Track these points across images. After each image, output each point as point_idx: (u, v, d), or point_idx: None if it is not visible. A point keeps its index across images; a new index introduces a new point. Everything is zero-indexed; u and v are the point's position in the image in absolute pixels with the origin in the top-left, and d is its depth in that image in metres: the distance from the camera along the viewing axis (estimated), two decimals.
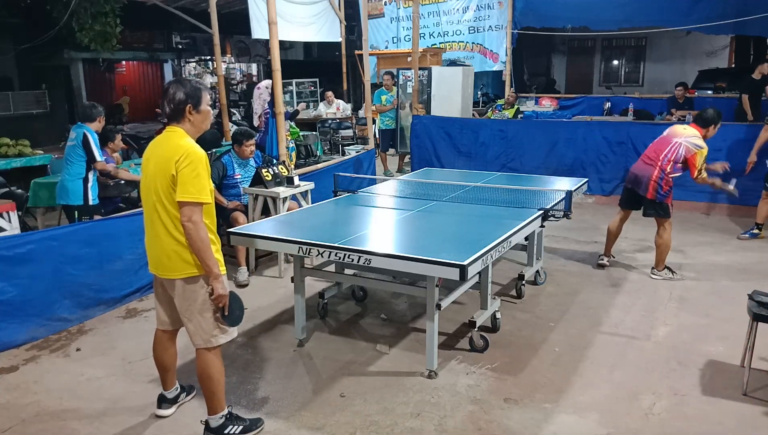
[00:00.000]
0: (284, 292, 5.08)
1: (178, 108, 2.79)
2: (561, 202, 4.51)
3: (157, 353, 3.23)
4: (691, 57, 17.81)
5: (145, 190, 2.91)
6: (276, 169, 5.60)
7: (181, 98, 2.78)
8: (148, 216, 2.91)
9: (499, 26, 12.79)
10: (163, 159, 2.75)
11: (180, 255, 2.82)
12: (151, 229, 2.91)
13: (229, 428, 3.04)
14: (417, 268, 3.30)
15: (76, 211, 5.45)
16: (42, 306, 4.27)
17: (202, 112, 2.85)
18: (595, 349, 4.03)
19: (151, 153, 2.89)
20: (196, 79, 2.95)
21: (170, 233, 2.80)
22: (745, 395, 3.44)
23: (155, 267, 2.96)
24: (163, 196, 2.76)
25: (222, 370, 3.02)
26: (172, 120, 2.83)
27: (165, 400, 3.33)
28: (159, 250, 2.87)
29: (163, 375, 3.30)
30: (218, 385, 3.00)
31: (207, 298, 2.87)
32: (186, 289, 2.87)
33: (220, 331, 2.96)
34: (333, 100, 11.93)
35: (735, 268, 5.56)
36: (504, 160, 8.79)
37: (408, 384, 3.59)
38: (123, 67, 21.01)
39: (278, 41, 5.94)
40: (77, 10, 10.75)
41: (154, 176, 2.80)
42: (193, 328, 2.94)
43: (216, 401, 3.02)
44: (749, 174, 7.48)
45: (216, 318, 2.92)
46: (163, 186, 2.75)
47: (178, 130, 2.82)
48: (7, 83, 15.26)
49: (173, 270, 2.85)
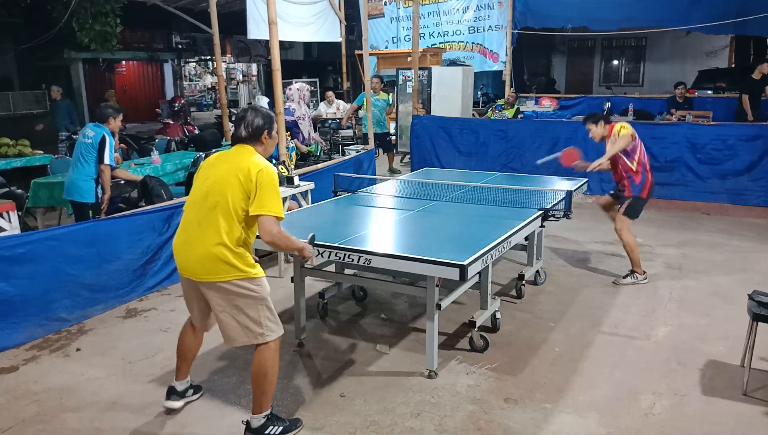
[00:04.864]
0: (284, 292, 5.08)
1: (256, 132, 3.01)
2: (561, 202, 4.51)
3: (185, 338, 3.29)
4: (691, 57, 17.81)
5: (201, 194, 2.97)
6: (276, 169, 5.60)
7: (259, 124, 3.01)
8: (197, 218, 2.95)
9: (499, 26, 12.80)
10: (242, 171, 2.88)
11: (226, 259, 2.87)
12: (197, 230, 2.93)
13: (270, 429, 3.04)
14: (417, 268, 3.30)
15: (90, 210, 5.47)
16: (42, 306, 4.27)
17: (273, 137, 3.11)
18: (595, 349, 4.03)
19: (220, 161, 3.02)
20: (268, 109, 3.19)
21: (221, 238, 2.87)
22: (745, 395, 3.44)
23: (193, 271, 2.96)
24: (232, 203, 2.87)
25: (277, 369, 3.05)
26: (247, 141, 3.02)
27: (174, 392, 3.35)
28: (201, 254, 2.89)
29: (180, 363, 3.34)
30: (271, 384, 3.02)
31: (253, 296, 2.94)
32: (231, 291, 2.92)
33: (268, 327, 3.00)
34: (333, 100, 11.92)
35: (735, 268, 5.56)
36: (504, 160, 8.80)
37: (408, 384, 3.59)
38: (123, 67, 20.98)
39: (278, 41, 5.94)
40: (77, 10, 10.75)
41: (223, 183, 2.90)
42: (239, 328, 2.98)
43: (264, 400, 3.03)
44: (749, 174, 7.50)
45: (268, 311, 3.01)
46: (234, 195, 2.87)
47: (250, 148, 3.02)
48: (7, 83, 15.25)
49: (217, 273, 2.89)
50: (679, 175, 7.76)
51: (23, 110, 14.85)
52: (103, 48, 11.71)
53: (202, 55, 21.62)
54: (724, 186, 7.53)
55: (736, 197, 7.48)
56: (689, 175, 7.71)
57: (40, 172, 7.73)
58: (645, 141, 7.79)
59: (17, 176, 7.57)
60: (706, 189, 7.65)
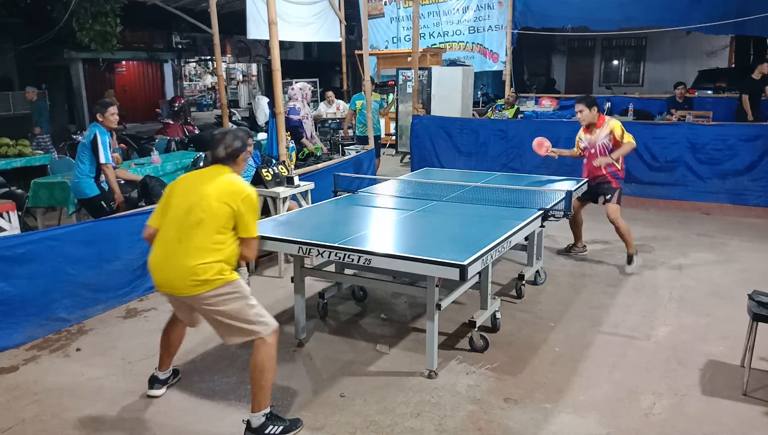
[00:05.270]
0: (284, 292, 5.08)
1: (234, 153, 3.20)
2: (561, 202, 4.51)
3: (169, 336, 3.44)
4: (691, 57, 17.82)
5: (182, 211, 3.06)
6: (276, 169, 5.60)
7: (238, 146, 3.20)
8: (177, 236, 3.04)
9: (499, 26, 12.80)
10: (228, 193, 3.05)
11: (207, 274, 2.97)
12: (177, 247, 3.02)
13: (270, 428, 3.05)
14: (417, 268, 3.30)
15: (101, 201, 5.48)
16: (42, 306, 4.27)
17: (245, 160, 3.30)
18: (595, 349, 4.03)
19: (200, 181, 3.14)
20: (243, 129, 3.38)
21: (202, 253, 2.98)
22: (745, 395, 3.44)
23: (173, 287, 3.05)
24: (212, 220, 3.01)
25: (274, 364, 3.09)
26: (224, 162, 3.19)
27: (157, 380, 3.51)
28: (183, 270, 2.98)
29: (164, 355, 3.49)
30: (268, 380, 3.06)
31: (235, 297, 3.04)
32: (214, 299, 3.02)
33: (259, 323, 3.07)
34: (333, 100, 11.91)
35: (735, 268, 5.56)
36: (504, 160, 8.79)
37: (408, 384, 3.59)
38: (123, 67, 21.00)
39: (278, 41, 5.94)
40: (77, 10, 10.75)
41: (210, 200, 3.02)
42: (231, 329, 3.06)
43: (263, 396, 3.06)
44: (749, 174, 7.50)
45: (254, 313, 3.09)
46: (217, 212, 3.02)
47: (227, 169, 3.18)
48: (7, 83, 15.27)
49: (198, 287, 2.98)
50: (679, 175, 7.76)
51: (23, 110, 14.83)
52: (103, 48, 11.71)
53: (202, 55, 21.65)
54: (724, 186, 7.53)
55: (736, 197, 7.47)
56: (689, 175, 7.71)
57: (40, 172, 7.73)
58: (645, 141, 7.86)
59: (17, 176, 7.56)
60: (706, 189, 7.64)
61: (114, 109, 5.52)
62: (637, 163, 7.87)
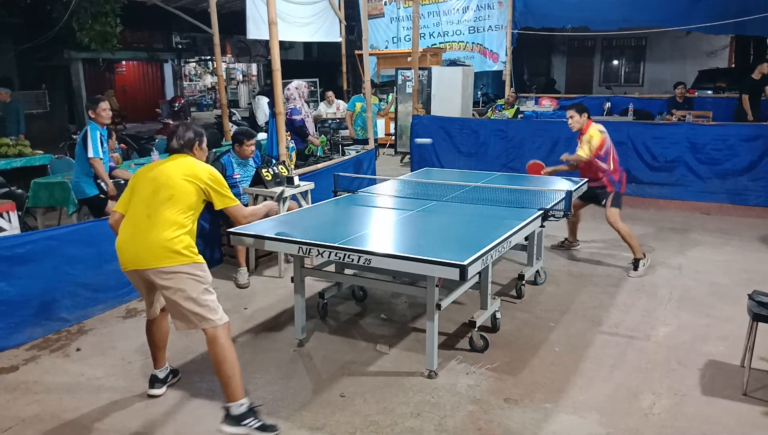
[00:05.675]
0: (284, 292, 5.08)
1: (188, 143, 3.37)
2: (561, 202, 4.51)
3: (152, 333, 3.50)
4: (691, 57, 17.81)
5: (149, 191, 3.19)
6: (276, 169, 5.60)
7: (190, 136, 3.38)
8: (146, 212, 3.15)
9: (499, 26, 12.80)
10: (189, 172, 3.22)
11: (175, 246, 3.09)
12: (146, 223, 3.13)
13: (249, 420, 3.07)
14: (417, 268, 3.30)
15: (103, 195, 5.50)
16: (42, 306, 4.27)
17: (203, 149, 3.47)
18: (595, 349, 4.03)
19: (164, 166, 3.29)
20: (199, 126, 3.58)
21: (173, 226, 3.12)
22: (745, 395, 3.44)
23: (141, 260, 3.12)
24: (181, 197, 3.17)
25: (234, 351, 3.14)
26: (180, 151, 3.36)
27: (157, 380, 3.53)
28: (152, 242, 3.09)
29: (155, 353, 3.53)
30: (233, 368, 3.10)
31: (198, 280, 3.14)
32: (178, 275, 3.10)
33: (214, 311, 3.15)
34: (333, 100, 11.92)
35: (735, 268, 5.55)
36: (504, 160, 8.79)
37: (408, 384, 3.59)
38: (123, 67, 21.00)
39: (278, 41, 5.94)
40: (77, 10, 10.75)
41: (175, 178, 3.19)
42: (186, 311, 3.12)
43: (234, 385, 3.09)
44: (749, 174, 7.50)
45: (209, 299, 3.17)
46: (185, 189, 3.18)
47: (186, 155, 3.35)
48: (7, 83, 15.21)
49: (166, 259, 3.08)
50: (679, 175, 7.76)
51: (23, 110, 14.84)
52: (103, 48, 11.71)
53: (202, 55, 21.63)
54: (724, 186, 7.53)
55: (736, 197, 7.48)
56: (689, 175, 7.71)
57: (40, 172, 7.72)
58: (645, 141, 7.87)
59: (17, 176, 7.56)
60: (706, 189, 7.65)
61: (105, 104, 5.51)
62: (637, 163, 7.88)
